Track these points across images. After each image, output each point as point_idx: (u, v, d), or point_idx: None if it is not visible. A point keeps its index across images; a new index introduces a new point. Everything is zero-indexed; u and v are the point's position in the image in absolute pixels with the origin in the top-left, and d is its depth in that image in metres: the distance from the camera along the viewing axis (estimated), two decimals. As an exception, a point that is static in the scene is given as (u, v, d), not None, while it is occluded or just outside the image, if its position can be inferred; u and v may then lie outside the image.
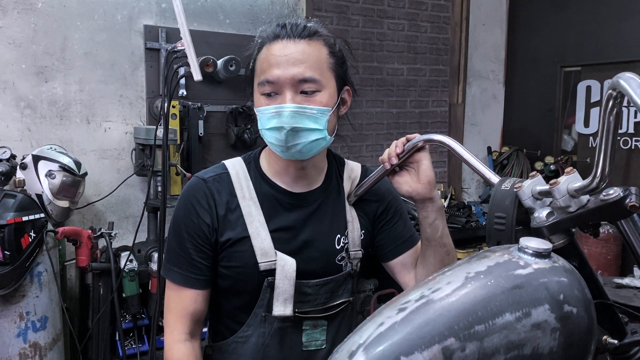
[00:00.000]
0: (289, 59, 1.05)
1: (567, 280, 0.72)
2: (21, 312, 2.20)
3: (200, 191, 1.14)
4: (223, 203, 1.13)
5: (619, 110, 0.64)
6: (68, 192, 2.54)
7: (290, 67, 1.04)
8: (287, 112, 1.04)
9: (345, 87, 1.16)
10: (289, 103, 1.04)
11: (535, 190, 0.85)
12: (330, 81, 1.09)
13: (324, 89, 1.07)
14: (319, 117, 1.06)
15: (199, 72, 1.98)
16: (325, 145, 1.12)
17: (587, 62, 4.09)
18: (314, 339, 1.16)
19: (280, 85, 1.05)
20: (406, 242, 1.24)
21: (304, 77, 1.05)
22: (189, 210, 1.13)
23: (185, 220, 1.14)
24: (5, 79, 2.76)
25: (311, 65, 1.05)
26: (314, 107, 1.06)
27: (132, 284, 2.53)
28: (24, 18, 2.78)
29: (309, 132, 1.06)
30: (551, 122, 4.39)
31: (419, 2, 4.19)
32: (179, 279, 1.14)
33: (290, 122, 1.04)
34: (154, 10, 3.10)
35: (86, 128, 2.97)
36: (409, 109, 4.21)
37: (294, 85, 1.05)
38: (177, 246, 1.14)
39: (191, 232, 1.13)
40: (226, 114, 3.27)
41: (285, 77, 1.04)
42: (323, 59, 1.08)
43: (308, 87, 1.05)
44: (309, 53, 1.06)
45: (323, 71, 1.08)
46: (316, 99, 1.06)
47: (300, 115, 1.04)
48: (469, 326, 0.67)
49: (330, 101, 1.09)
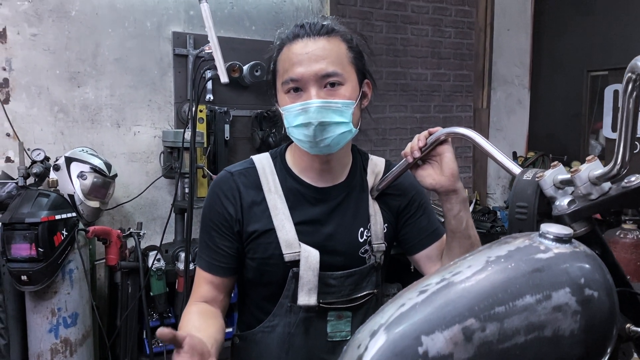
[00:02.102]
0: (310, 56, 1.08)
1: (588, 264, 0.72)
2: (53, 308, 2.27)
3: (226, 183, 1.19)
4: (249, 196, 1.17)
5: (638, 93, 0.65)
6: (98, 193, 2.61)
7: (312, 64, 1.07)
8: (313, 108, 1.07)
9: (365, 80, 1.18)
10: (314, 99, 1.07)
11: (556, 180, 0.86)
12: (352, 74, 1.12)
13: (346, 83, 1.10)
14: (344, 110, 1.09)
15: (226, 75, 2.03)
16: (351, 138, 1.15)
17: (614, 66, 4.03)
18: (338, 329, 1.18)
19: (305, 82, 1.08)
20: (431, 235, 1.26)
21: (327, 72, 1.07)
22: (214, 200, 1.19)
23: (210, 210, 1.19)
24: (40, 84, 2.86)
25: (333, 61, 1.08)
26: (339, 100, 1.08)
27: (159, 283, 2.58)
28: (59, 26, 2.88)
29: (336, 125, 1.09)
30: (577, 127, 4.33)
31: (442, 8, 4.20)
32: (204, 265, 1.21)
33: (317, 117, 1.07)
34: (182, 17, 3.18)
35: (116, 132, 3.06)
36: (433, 113, 4.21)
37: (317, 81, 1.08)
38: (204, 235, 1.21)
39: (215, 221, 1.18)
40: (251, 118, 3.32)
41: (309, 74, 1.07)
42: (343, 54, 1.11)
43: (332, 81, 1.08)
44: (329, 49, 1.09)
45: (344, 65, 1.10)
46: (340, 92, 1.09)
47: (326, 109, 1.07)
48: (489, 307, 0.67)
49: (354, 94, 1.11)
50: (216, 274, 1.19)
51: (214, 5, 3.17)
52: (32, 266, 2.15)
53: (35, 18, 2.83)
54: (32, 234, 2.14)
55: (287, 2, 3.50)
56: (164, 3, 3.12)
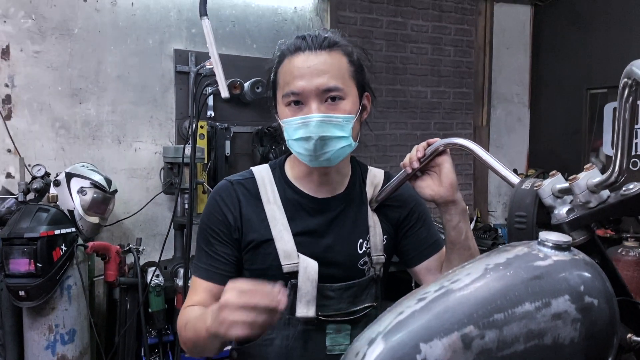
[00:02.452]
0: (312, 70, 1.08)
1: (587, 272, 0.71)
2: (50, 324, 2.26)
3: (225, 191, 1.18)
4: (248, 205, 1.17)
5: (634, 98, 0.65)
6: (98, 209, 2.61)
7: (314, 78, 1.07)
8: (314, 122, 1.07)
9: (365, 93, 1.18)
10: (315, 113, 1.07)
11: (555, 189, 0.86)
12: (352, 89, 1.12)
13: (347, 97, 1.10)
14: (345, 124, 1.09)
15: (227, 90, 2.04)
16: (350, 152, 1.15)
17: (613, 84, 4.03)
18: (337, 343, 1.16)
19: (306, 96, 1.08)
20: (430, 247, 1.25)
21: (328, 87, 1.08)
22: (214, 207, 1.18)
23: (210, 217, 1.18)
24: (42, 101, 2.88)
25: (334, 75, 1.09)
26: (340, 115, 1.08)
27: (158, 299, 2.56)
28: (62, 43, 2.91)
29: (337, 140, 1.09)
30: (577, 144, 4.33)
31: (442, 27, 4.24)
32: (202, 273, 1.17)
33: (318, 132, 1.07)
34: (184, 35, 3.21)
35: (117, 148, 3.07)
36: (433, 130, 4.22)
37: (318, 95, 1.08)
38: (203, 242, 1.18)
39: (214, 228, 1.16)
40: (252, 135, 3.33)
41: (310, 88, 1.07)
42: (344, 68, 1.12)
43: (332, 95, 1.08)
44: (330, 63, 1.10)
45: (345, 79, 1.11)
46: (340, 107, 1.09)
47: (327, 124, 1.07)
48: (488, 314, 0.67)
49: (354, 108, 1.12)
50: (215, 282, 1.15)
51: (215, 24, 3.21)
52: (30, 281, 2.14)
53: (39, 35, 2.86)
54: (30, 249, 2.14)
55: (287, 20, 3.54)
56: (166, 21, 3.16)
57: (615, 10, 4.04)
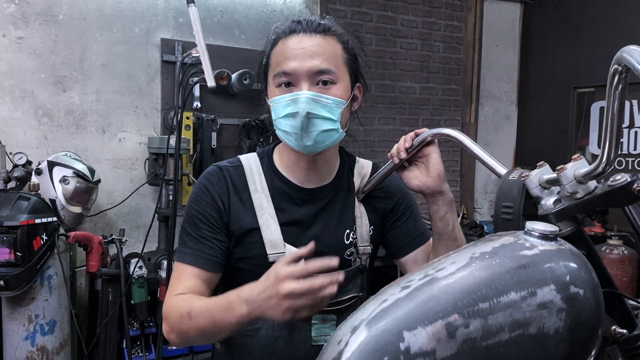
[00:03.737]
0: (305, 51, 1.07)
1: (573, 262, 0.71)
2: (30, 314, 2.22)
3: (215, 176, 1.16)
4: (236, 192, 1.15)
5: (624, 85, 0.64)
6: (81, 198, 2.57)
7: (307, 60, 1.06)
8: (303, 98, 1.05)
9: (357, 84, 1.17)
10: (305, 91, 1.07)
11: (542, 179, 0.85)
12: (345, 75, 1.11)
13: (339, 82, 1.09)
14: (334, 107, 1.08)
15: (213, 79, 2.01)
16: (337, 139, 1.13)
17: (600, 83, 4.08)
18: (323, 333, 1.15)
19: (297, 77, 1.07)
20: (417, 239, 1.24)
21: (321, 69, 1.07)
22: (203, 191, 1.15)
23: (198, 201, 1.14)
24: (24, 88, 2.83)
25: (327, 58, 1.08)
26: (330, 96, 1.07)
27: (140, 291, 2.53)
28: (45, 29, 2.85)
29: (323, 120, 1.07)
30: (564, 143, 4.36)
31: (432, 23, 4.23)
32: (188, 258, 1.11)
33: (306, 108, 1.05)
34: (171, 24, 3.17)
35: (101, 137, 3.02)
36: (421, 127, 4.20)
37: (310, 77, 1.07)
38: (190, 227, 1.13)
39: (203, 212, 1.13)
40: (239, 127, 3.30)
41: (302, 69, 1.06)
42: (338, 54, 1.11)
43: (324, 79, 1.07)
44: (325, 47, 1.09)
45: (338, 65, 1.10)
46: (332, 91, 1.08)
47: (316, 102, 1.06)
48: (473, 303, 0.66)
49: (345, 94, 1.10)
50: (203, 267, 1.11)
51: (203, 13, 3.17)
52: (9, 271, 2.09)
53: (22, 21, 2.80)
54: (10, 238, 2.09)
55: (277, 12, 3.51)
56: (153, 9, 3.11)
57: (604, 10, 4.07)
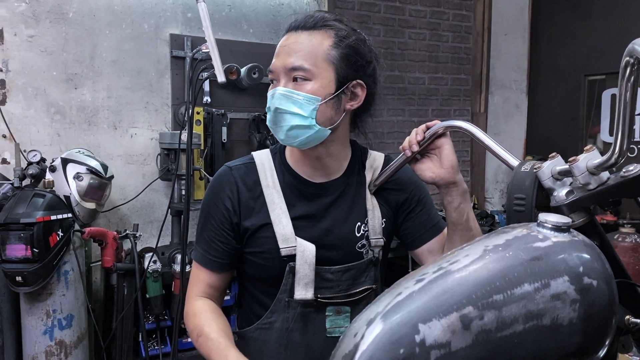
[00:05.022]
0: (285, 49, 1.12)
1: (587, 253, 0.71)
2: (48, 309, 2.25)
3: (224, 177, 1.20)
4: (247, 190, 1.18)
5: (636, 77, 0.65)
6: (95, 194, 2.60)
7: (285, 57, 1.11)
8: (276, 94, 1.10)
9: (354, 81, 1.15)
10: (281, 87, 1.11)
11: (554, 171, 0.86)
12: (325, 72, 1.10)
13: (315, 79, 1.09)
14: (305, 104, 1.09)
15: (223, 74, 2.02)
16: (316, 136, 1.11)
17: (611, 70, 4.04)
18: (337, 325, 1.17)
19: (277, 73, 1.12)
20: (431, 230, 1.25)
21: (293, 66, 1.09)
22: (213, 194, 1.20)
23: (209, 203, 1.20)
24: (36, 86, 2.86)
25: (303, 55, 1.09)
26: (301, 93, 1.09)
27: (155, 285, 2.57)
28: (56, 27, 2.88)
29: (291, 115, 1.09)
30: (575, 131, 4.33)
31: (440, 12, 4.21)
32: (199, 258, 1.21)
33: (276, 103, 1.10)
34: (179, 19, 3.18)
35: (113, 134, 3.05)
36: (431, 117, 4.20)
37: (286, 74, 1.11)
38: (202, 227, 1.21)
39: (212, 214, 1.19)
40: (249, 121, 3.32)
41: (280, 66, 1.11)
42: (321, 50, 1.10)
43: (298, 75, 1.09)
44: (305, 44, 1.10)
45: (317, 61, 1.10)
46: (305, 87, 1.09)
47: (286, 98, 1.09)
48: (487, 295, 0.67)
49: (322, 92, 1.10)
50: (210, 269, 1.20)
51: (211, 8, 3.17)
52: (27, 267, 2.13)
53: (33, 19, 2.82)
54: (27, 235, 2.12)
55: (284, 5, 3.51)
56: (162, 5, 3.12)
57: (614, -4, 4.02)
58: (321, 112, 1.10)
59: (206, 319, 1.14)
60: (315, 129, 1.11)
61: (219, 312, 1.19)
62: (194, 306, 1.18)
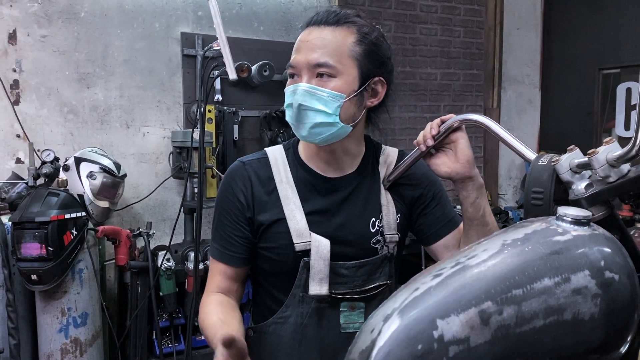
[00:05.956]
0: (308, 44, 1.09)
1: (607, 247, 0.70)
2: (63, 308, 2.27)
3: (237, 172, 1.20)
4: (260, 185, 1.18)
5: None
6: (108, 193, 2.61)
7: (308, 53, 1.09)
8: (300, 90, 1.08)
9: (376, 78, 1.14)
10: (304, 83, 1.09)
11: (573, 164, 0.84)
12: (350, 69, 1.10)
13: (340, 76, 1.08)
14: (329, 101, 1.08)
15: (234, 71, 2.02)
16: (339, 133, 1.11)
17: (626, 63, 3.98)
18: (352, 321, 1.16)
19: (299, 69, 1.10)
20: (447, 225, 1.24)
21: (318, 62, 1.08)
22: (226, 189, 1.20)
23: (223, 198, 1.20)
24: (49, 86, 2.88)
25: (328, 52, 1.08)
26: (326, 89, 1.08)
27: (169, 283, 2.58)
28: (68, 27, 2.90)
29: (315, 113, 1.08)
30: (590, 126, 4.28)
31: (451, 7, 4.17)
32: (216, 254, 1.21)
33: (299, 100, 1.08)
34: (190, 18, 3.18)
35: (125, 132, 3.06)
36: (443, 113, 4.17)
37: (310, 70, 1.09)
38: (217, 223, 1.21)
39: (227, 209, 1.18)
40: (260, 119, 3.32)
41: (302, 62, 1.09)
42: (345, 46, 1.09)
43: (323, 72, 1.08)
44: (329, 39, 1.09)
45: (342, 58, 1.09)
46: (329, 84, 1.08)
47: (310, 95, 1.08)
48: (506, 290, 0.65)
49: (347, 89, 1.09)
50: (228, 264, 1.19)
51: (222, 6, 3.17)
52: (42, 265, 2.15)
53: (45, 19, 2.84)
54: (42, 233, 2.14)
55: (295, 2, 3.50)
56: (173, 4, 3.13)
57: (629, -12, 3.96)
58: (345, 109, 1.10)
59: (210, 309, 1.14)
60: (339, 126, 1.10)
61: (225, 304, 1.17)
62: (204, 301, 1.19)
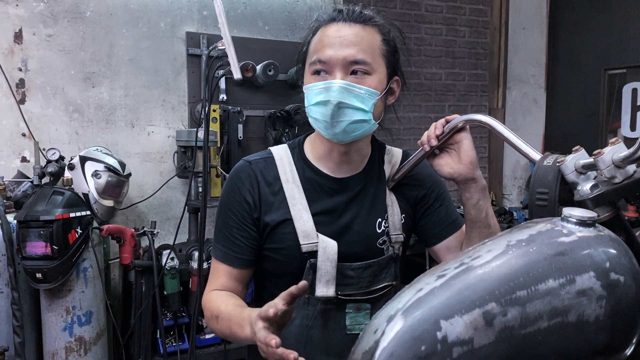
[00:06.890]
0: (342, 40, 1.07)
1: (613, 248, 0.69)
2: (67, 306, 2.28)
3: (244, 171, 1.18)
4: (266, 185, 1.16)
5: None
6: (113, 192, 2.62)
7: (343, 49, 1.06)
8: (335, 87, 1.06)
9: (395, 78, 1.16)
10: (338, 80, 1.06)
11: (578, 164, 0.84)
12: (381, 67, 1.10)
13: (374, 73, 1.08)
14: (366, 98, 1.07)
15: (239, 71, 2.02)
16: (369, 130, 1.12)
17: (632, 64, 3.96)
18: (357, 322, 1.16)
19: (332, 65, 1.07)
20: (450, 226, 1.24)
21: (356, 59, 1.06)
22: (232, 189, 1.18)
23: (229, 199, 1.18)
24: (55, 85, 2.89)
25: (364, 49, 1.07)
26: (364, 87, 1.07)
27: (173, 282, 2.58)
28: (74, 26, 2.90)
29: (354, 110, 1.07)
30: (595, 126, 4.26)
31: (456, 7, 4.16)
32: (220, 255, 1.19)
33: (337, 97, 1.05)
34: (195, 17, 3.19)
35: (130, 132, 3.07)
36: (448, 113, 4.16)
37: (344, 67, 1.07)
38: (222, 224, 1.19)
39: (233, 209, 1.16)
40: (265, 118, 3.32)
41: (337, 58, 1.06)
42: (376, 45, 1.10)
43: (358, 69, 1.07)
44: (362, 37, 1.08)
45: (375, 56, 1.09)
46: (365, 81, 1.07)
47: (348, 92, 1.06)
48: (511, 291, 0.65)
49: (379, 86, 1.09)
50: (232, 265, 1.17)
51: (226, 5, 3.18)
52: (46, 264, 2.15)
53: (51, 19, 2.85)
54: (47, 232, 2.15)
55: (300, 2, 3.50)
56: (178, 3, 3.13)
57: (635, -12, 3.94)
58: (377, 107, 1.10)
59: (222, 302, 1.12)
60: (372, 124, 1.11)
61: (234, 297, 1.16)
62: (209, 295, 1.17)
